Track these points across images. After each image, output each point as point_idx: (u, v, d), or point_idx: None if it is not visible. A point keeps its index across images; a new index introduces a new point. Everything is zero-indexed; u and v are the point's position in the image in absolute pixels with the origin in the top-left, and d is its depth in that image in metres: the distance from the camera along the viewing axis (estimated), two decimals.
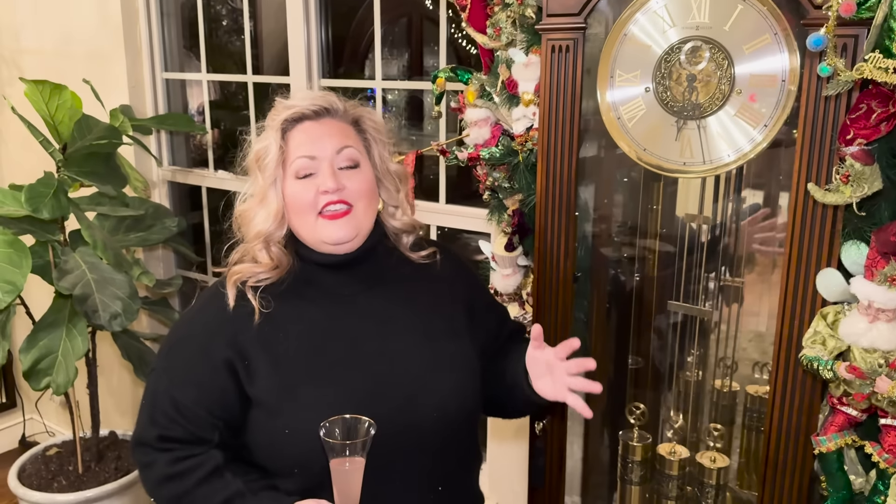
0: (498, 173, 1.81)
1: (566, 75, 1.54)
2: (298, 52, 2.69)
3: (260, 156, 1.33)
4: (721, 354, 1.82)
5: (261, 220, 1.33)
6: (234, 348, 1.28)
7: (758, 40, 1.37)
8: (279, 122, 1.32)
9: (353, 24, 3.12)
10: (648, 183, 1.78)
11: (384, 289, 1.39)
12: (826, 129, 1.26)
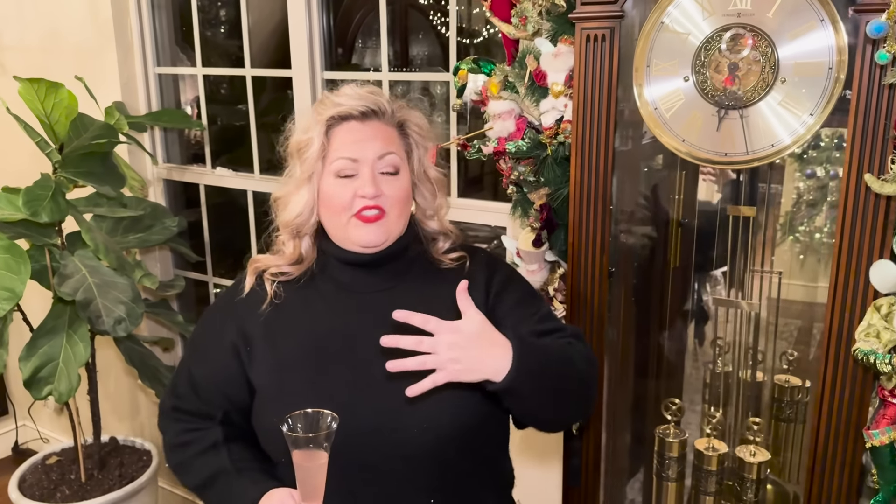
0: (523, 167, 1.76)
1: (601, 66, 1.50)
2: (301, 44, 2.62)
3: (301, 147, 1.33)
4: (757, 346, 1.80)
5: (293, 208, 1.34)
6: (240, 332, 1.35)
7: (803, 26, 1.34)
8: (325, 118, 1.31)
9: (339, 14, 3.05)
10: (689, 174, 1.75)
11: (401, 291, 1.35)
12: (880, 118, 1.23)
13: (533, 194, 1.79)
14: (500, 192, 2.66)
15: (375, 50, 3.74)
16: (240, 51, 3.57)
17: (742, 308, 1.79)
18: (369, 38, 3.69)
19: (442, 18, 3.73)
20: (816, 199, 1.78)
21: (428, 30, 3.71)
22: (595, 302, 1.62)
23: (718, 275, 1.88)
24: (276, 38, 3.45)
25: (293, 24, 2.62)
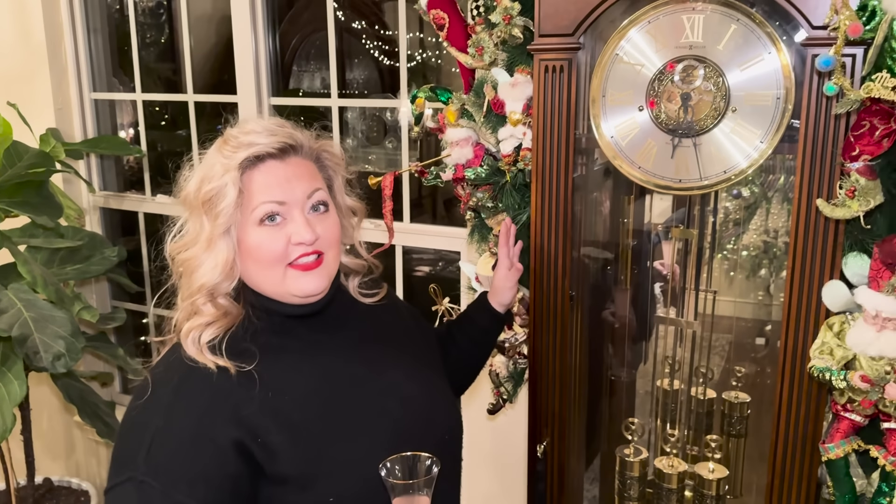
0: (482, 193, 1.78)
1: (559, 96, 1.53)
2: (246, 69, 2.58)
3: (210, 198, 1.14)
4: (705, 364, 1.86)
5: (207, 270, 1.16)
6: (240, 426, 1.09)
7: (752, 58, 1.40)
8: (238, 161, 1.14)
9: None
10: (641, 199, 1.80)
11: (358, 330, 1.32)
12: (828, 146, 1.30)
13: (491, 220, 1.82)
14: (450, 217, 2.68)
15: (312, 74, 3.74)
16: (175, 74, 3.50)
17: (684, 326, 1.85)
18: (306, 62, 3.69)
19: (377, 44, 3.76)
20: (743, 217, 1.86)
21: (364, 54, 3.74)
22: (557, 326, 1.64)
23: (662, 294, 1.94)
24: (212, 62, 3.41)
25: (239, 48, 2.59)
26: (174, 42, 3.67)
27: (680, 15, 1.44)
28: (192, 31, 2.87)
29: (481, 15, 1.68)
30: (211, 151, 1.19)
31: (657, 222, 1.92)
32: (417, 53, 3.41)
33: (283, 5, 3.09)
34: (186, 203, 1.19)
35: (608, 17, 1.50)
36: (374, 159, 2.91)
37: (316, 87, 3.68)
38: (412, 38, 3.42)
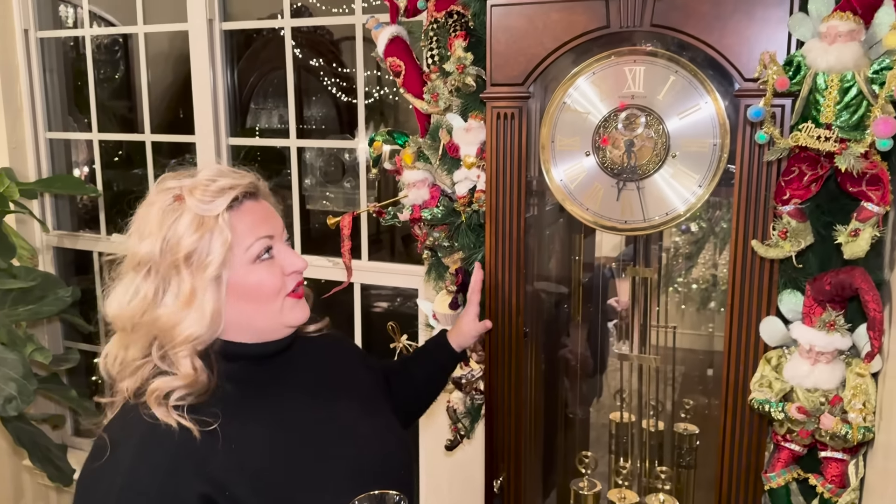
0: (438, 233, 1.83)
1: (511, 141, 1.60)
2: (204, 109, 2.61)
3: (192, 251, 1.14)
4: (657, 397, 1.92)
5: (192, 323, 1.14)
6: (207, 481, 1.09)
7: (690, 108, 1.49)
8: (223, 206, 1.16)
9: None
10: (599, 239, 1.87)
11: (312, 372, 1.34)
12: (761, 190, 1.39)
13: (448, 259, 1.86)
14: (408, 253, 2.72)
15: (270, 112, 3.77)
16: (131, 112, 3.50)
17: (639, 361, 1.91)
18: (264, 100, 3.72)
19: (336, 81, 3.82)
20: (692, 252, 1.95)
21: (322, 91, 3.78)
22: (511, 362, 1.69)
23: (616, 329, 2.00)
24: (169, 100, 3.42)
25: (197, 88, 2.62)
26: (130, 80, 3.68)
27: (622, 67, 1.52)
28: (149, 69, 2.89)
29: (436, 63, 1.75)
30: (163, 209, 1.16)
31: (609, 259, 2.00)
32: (375, 90, 3.48)
33: (241, 44, 3.14)
34: (147, 264, 1.15)
35: (556, 68, 1.58)
36: (332, 198, 2.95)
37: (274, 125, 3.71)
38: (370, 75, 3.49)
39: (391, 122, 3.22)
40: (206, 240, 1.14)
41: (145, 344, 1.17)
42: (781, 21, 1.33)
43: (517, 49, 1.55)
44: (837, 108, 1.25)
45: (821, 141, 1.25)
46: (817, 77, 1.27)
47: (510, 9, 1.54)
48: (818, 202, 1.37)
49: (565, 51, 1.52)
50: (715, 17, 1.37)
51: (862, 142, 1.22)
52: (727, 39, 1.37)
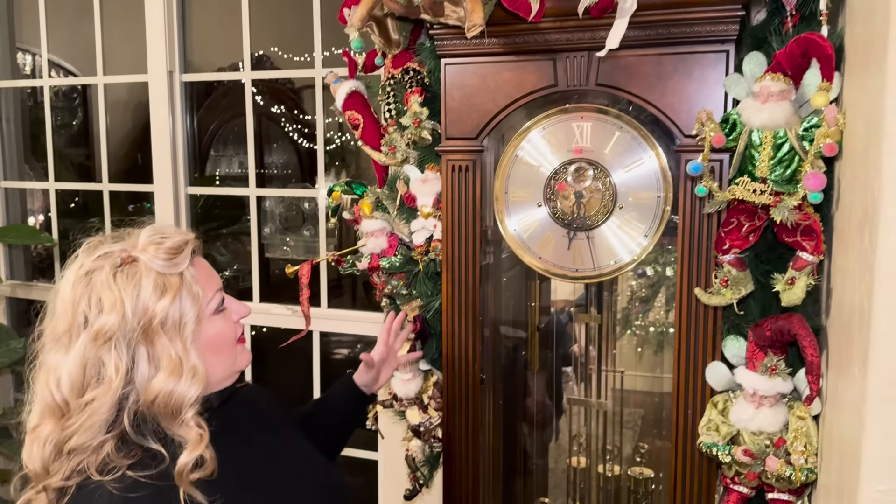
0: (396, 281, 1.86)
1: (466, 192, 1.65)
2: (163, 158, 2.62)
3: (168, 316, 1.10)
4: (613, 441, 1.95)
5: (188, 386, 1.11)
6: None
7: (634, 161, 1.56)
8: (185, 264, 1.14)
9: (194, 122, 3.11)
10: (544, 282, 1.92)
11: (252, 418, 1.35)
12: (703, 240, 1.45)
13: (406, 306, 1.89)
14: (369, 298, 2.73)
15: (230, 158, 3.79)
16: (88, 160, 3.49)
17: (594, 406, 1.95)
18: (224, 147, 3.74)
19: (296, 127, 3.87)
20: (648, 295, 2.01)
21: (283, 137, 3.83)
22: (469, 409, 1.71)
23: (571, 374, 2.04)
24: (127, 147, 3.43)
25: (156, 138, 2.63)
26: (88, 127, 3.67)
27: (571, 123, 1.59)
28: (108, 116, 2.90)
29: (393, 117, 1.80)
30: (113, 274, 1.09)
31: (566, 302, 2.04)
32: (337, 137, 3.53)
33: (201, 92, 3.17)
34: (110, 336, 1.08)
35: (509, 122, 1.64)
36: (292, 246, 2.96)
37: (234, 171, 3.73)
38: (331, 122, 3.54)
39: (352, 168, 3.27)
40: (177, 300, 1.11)
41: (107, 419, 1.09)
42: (718, 81, 1.42)
43: (470, 105, 1.61)
44: (771, 163, 1.33)
45: (756, 194, 1.33)
46: (752, 134, 1.35)
47: (463, 67, 1.60)
48: (757, 251, 1.43)
49: (516, 107, 1.59)
50: (656, 77, 1.45)
51: (795, 195, 1.29)
52: (668, 98, 1.45)
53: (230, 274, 3.50)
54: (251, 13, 2.51)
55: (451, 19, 1.48)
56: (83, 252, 1.14)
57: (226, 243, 3.49)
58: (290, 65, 3.52)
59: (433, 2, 1.43)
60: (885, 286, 0.85)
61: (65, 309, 1.10)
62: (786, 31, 1.40)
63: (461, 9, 1.45)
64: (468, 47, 1.56)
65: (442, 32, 1.57)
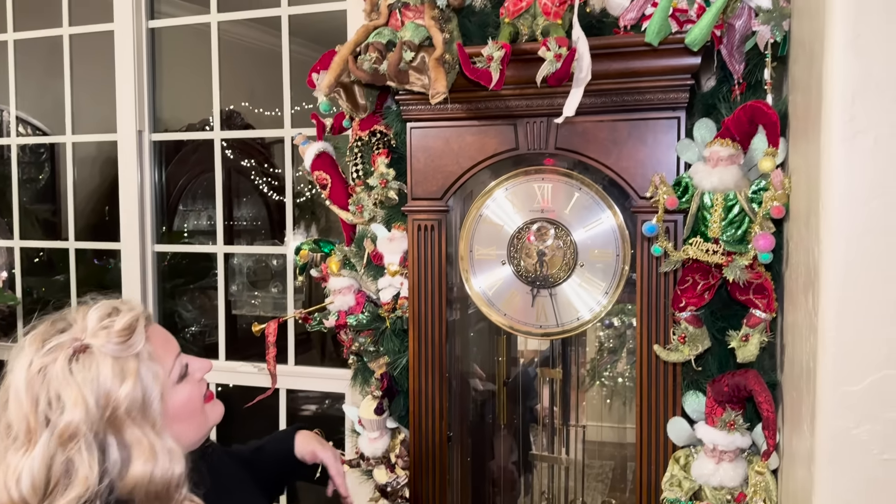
0: (364, 338, 1.87)
1: (432, 251, 1.68)
2: (131, 216, 2.62)
3: (133, 404, 1.06)
4: (577, 497, 1.96)
5: (165, 468, 1.06)
6: None
7: (594, 221, 1.61)
8: (141, 343, 1.10)
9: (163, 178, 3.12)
10: (510, 337, 1.94)
11: (222, 475, 1.34)
12: (660, 298, 1.50)
13: (373, 363, 1.90)
14: (338, 353, 2.73)
15: (199, 213, 3.80)
16: (54, 216, 3.46)
17: (560, 462, 1.96)
18: (193, 201, 3.75)
19: (266, 180, 3.90)
20: (616, 346, 2.04)
21: (253, 191, 3.85)
22: (436, 467, 1.71)
23: (538, 429, 2.06)
24: (94, 203, 3.42)
25: (124, 196, 2.64)
26: (55, 183, 3.66)
27: (532, 184, 1.65)
28: (76, 170, 2.90)
29: (361, 177, 1.84)
30: (68, 366, 1.04)
31: (533, 356, 2.07)
32: (307, 189, 3.57)
33: (171, 148, 3.19)
34: (76, 433, 1.02)
35: (473, 181, 1.68)
36: (259, 303, 2.96)
37: (202, 226, 3.73)
38: (301, 175, 3.58)
39: (322, 220, 3.29)
40: (138, 383, 1.06)
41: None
42: (670, 146, 1.48)
43: (435, 167, 1.66)
44: (723, 224, 1.39)
45: (709, 254, 1.38)
46: (704, 196, 1.41)
47: (428, 131, 1.65)
48: (713, 308, 1.48)
49: (480, 169, 1.64)
50: (612, 142, 1.52)
51: (746, 255, 1.35)
52: (623, 162, 1.51)
53: (196, 329, 3.47)
54: (221, 70, 2.56)
55: (416, 86, 1.54)
56: (29, 346, 1.07)
57: (192, 297, 3.47)
58: (260, 119, 3.57)
59: (398, 70, 1.48)
60: (828, 348, 0.89)
61: (21, 410, 1.03)
62: (734, 99, 1.48)
63: (425, 77, 1.51)
64: (432, 112, 1.62)
65: (407, 98, 1.62)
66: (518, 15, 1.52)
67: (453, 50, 1.50)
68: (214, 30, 2.56)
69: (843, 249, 0.86)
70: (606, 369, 2.06)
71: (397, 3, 1.56)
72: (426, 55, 1.49)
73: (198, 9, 2.76)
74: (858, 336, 0.87)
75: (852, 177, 0.86)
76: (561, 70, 1.40)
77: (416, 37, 1.49)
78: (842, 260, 0.86)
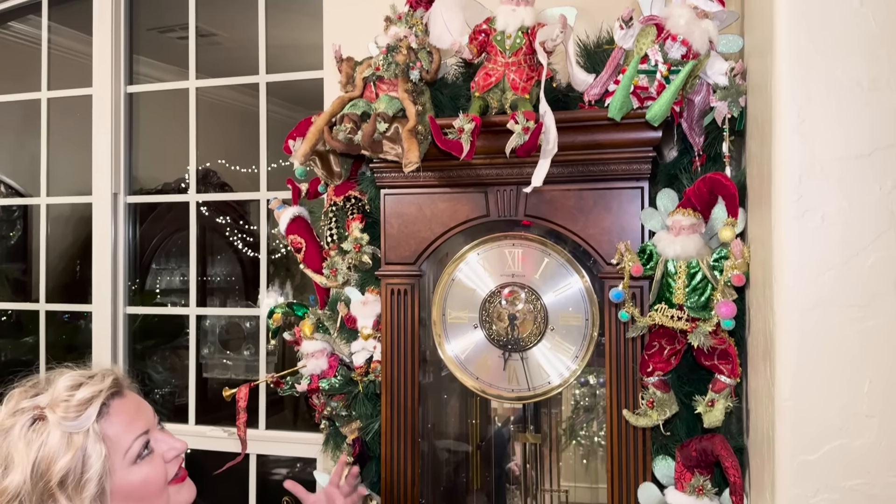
0: (336, 402, 1.87)
1: (405, 315, 1.70)
2: (103, 278, 2.61)
3: (68, 475, 1.08)
4: None
5: None
6: None
7: (563, 286, 1.65)
8: (91, 419, 1.11)
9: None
10: (484, 406, 1.95)
11: None
12: (629, 363, 1.53)
13: (345, 428, 1.89)
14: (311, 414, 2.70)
15: (172, 272, 3.78)
16: (24, 275, 3.43)
17: None
18: (166, 260, 3.74)
19: (240, 237, 3.90)
20: (591, 403, 2.05)
21: (227, 249, 3.85)
22: None
23: (514, 491, 2.04)
24: (66, 262, 3.40)
25: (97, 258, 2.63)
26: (27, 242, 3.63)
27: (503, 249, 1.69)
28: (49, 228, 2.90)
29: (335, 241, 1.87)
30: (24, 432, 1.09)
31: (508, 416, 2.07)
32: (282, 246, 3.57)
33: (145, 207, 3.20)
34: (17, 497, 1.05)
35: (446, 245, 1.72)
36: (231, 365, 2.93)
37: (175, 284, 3.71)
38: (276, 232, 3.59)
39: (297, 278, 3.28)
40: (79, 457, 1.08)
41: None
42: (635, 214, 1.54)
43: (409, 232, 1.69)
44: (687, 290, 1.43)
45: (674, 320, 1.41)
46: (668, 263, 1.45)
47: (402, 197, 1.69)
48: (679, 373, 1.51)
49: (452, 235, 1.67)
50: (578, 210, 1.57)
51: (709, 321, 1.38)
52: (590, 229, 1.56)
53: (167, 390, 3.42)
54: (198, 128, 2.60)
55: (390, 155, 1.58)
56: (5, 403, 1.13)
57: (163, 357, 3.43)
58: (236, 176, 3.59)
59: (373, 140, 1.52)
60: (785, 417, 0.92)
61: None
62: (695, 170, 1.54)
63: (399, 146, 1.56)
64: (406, 180, 1.66)
65: (381, 166, 1.67)
66: (488, 89, 1.58)
67: (426, 121, 1.55)
68: (192, 95, 2.61)
69: (798, 320, 0.90)
70: (582, 428, 2.07)
71: (372, 77, 1.62)
72: (399, 126, 1.54)
73: (176, 70, 2.81)
74: (814, 405, 0.90)
75: (802, 252, 0.91)
76: (529, 142, 1.46)
77: (389, 109, 1.55)
78: (796, 330, 0.90)
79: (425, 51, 1.61)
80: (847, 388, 0.88)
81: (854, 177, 0.88)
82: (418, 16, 1.64)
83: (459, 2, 1.58)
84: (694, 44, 1.44)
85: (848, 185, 0.88)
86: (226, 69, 2.66)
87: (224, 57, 2.83)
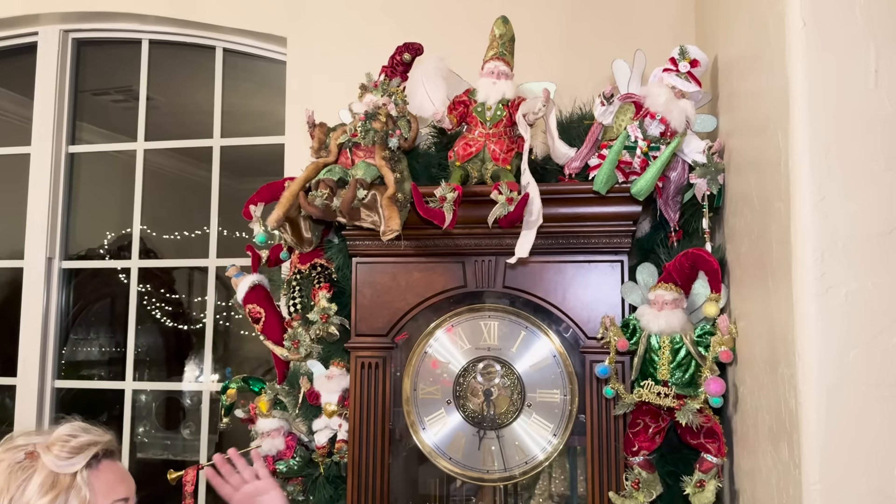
0: (293, 486, 1.74)
1: (376, 389, 1.62)
2: (31, 349, 2.41)
3: None
4: None
5: None
6: None
7: (541, 360, 1.61)
8: (83, 463, 1.11)
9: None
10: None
11: None
12: (612, 441, 1.48)
13: None
14: None
15: (89, 342, 3.54)
16: None
17: None
18: (85, 330, 3.51)
19: (163, 307, 3.70)
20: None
21: (150, 319, 3.64)
22: None
23: None
24: None
25: (26, 327, 2.44)
26: None
27: (479, 321, 1.64)
28: None
29: (298, 311, 1.78)
30: (10, 467, 1.09)
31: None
32: (221, 318, 3.41)
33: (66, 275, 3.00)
34: None
35: (419, 317, 1.65)
36: (169, 445, 2.72)
37: (93, 357, 3.48)
38: (198, 301, 3.42)
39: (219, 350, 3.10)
40: (60, 501, 1.08)
41: None
42: (615, 287, 1.52)
43: (381, 302, 1.62)
44: (671, 366, 1.41)
45: (661, 397, 1.39)
46: (651, 338, 1.43)
47: (375, 266, 1.63)
48: (662, 452, 1.47)
49: (427, 305, 1.62)
50: (558, 282, 1.54)
51: (697, 398, 1.36)
52: (570, 302, 1.53)
53: None
54: (123, 194, 2.49)
55: (366, 223, 1.53)
56: (2, 443, 1.15)
57: None
58: (160, 243, 3.42)
59: (350, 208, 1.47)
60: (813, 499, 0.88)
61: None
62: (671, 245, 1.55)
63: (375, 214, 1.51)
64: (380, 248, 1.61)
65: (354, 234, 1.61)
66: (468, 159, 1.56)
67: (405, 189, 1.51)
68: (140, 157, 2.51)
69: (826, 399, 0.88)
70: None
71: (348, 143, 1.58)
72: (378, 193, 1.49)
73: (108, 133, 2.71)
74: (844, 489, 0.87)
75: (827, 330, 0.89)
76: (514, 213, 1.43)
77: (368, 175, 1.50)
78: (824, 409, 0.88)
79: (405, 119, 1.58)
80: (878, 470, 0.86)
81: (876, 254, 0.88)
82: (395, 84, 1.62)
83: (441, 73, 1.58)
84: (672, 122, 1.47)
85: (870, 262, 0.88)
86: (160, 133, 2.57)
87: (159, 122, 2.74)
